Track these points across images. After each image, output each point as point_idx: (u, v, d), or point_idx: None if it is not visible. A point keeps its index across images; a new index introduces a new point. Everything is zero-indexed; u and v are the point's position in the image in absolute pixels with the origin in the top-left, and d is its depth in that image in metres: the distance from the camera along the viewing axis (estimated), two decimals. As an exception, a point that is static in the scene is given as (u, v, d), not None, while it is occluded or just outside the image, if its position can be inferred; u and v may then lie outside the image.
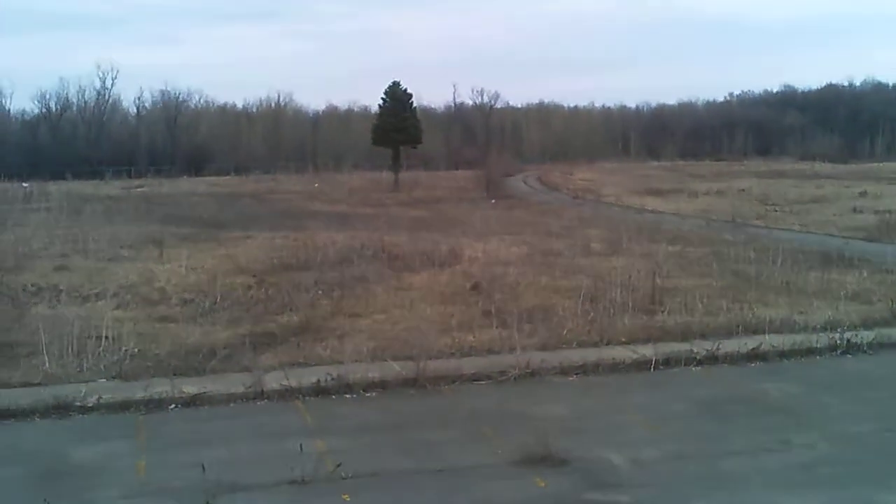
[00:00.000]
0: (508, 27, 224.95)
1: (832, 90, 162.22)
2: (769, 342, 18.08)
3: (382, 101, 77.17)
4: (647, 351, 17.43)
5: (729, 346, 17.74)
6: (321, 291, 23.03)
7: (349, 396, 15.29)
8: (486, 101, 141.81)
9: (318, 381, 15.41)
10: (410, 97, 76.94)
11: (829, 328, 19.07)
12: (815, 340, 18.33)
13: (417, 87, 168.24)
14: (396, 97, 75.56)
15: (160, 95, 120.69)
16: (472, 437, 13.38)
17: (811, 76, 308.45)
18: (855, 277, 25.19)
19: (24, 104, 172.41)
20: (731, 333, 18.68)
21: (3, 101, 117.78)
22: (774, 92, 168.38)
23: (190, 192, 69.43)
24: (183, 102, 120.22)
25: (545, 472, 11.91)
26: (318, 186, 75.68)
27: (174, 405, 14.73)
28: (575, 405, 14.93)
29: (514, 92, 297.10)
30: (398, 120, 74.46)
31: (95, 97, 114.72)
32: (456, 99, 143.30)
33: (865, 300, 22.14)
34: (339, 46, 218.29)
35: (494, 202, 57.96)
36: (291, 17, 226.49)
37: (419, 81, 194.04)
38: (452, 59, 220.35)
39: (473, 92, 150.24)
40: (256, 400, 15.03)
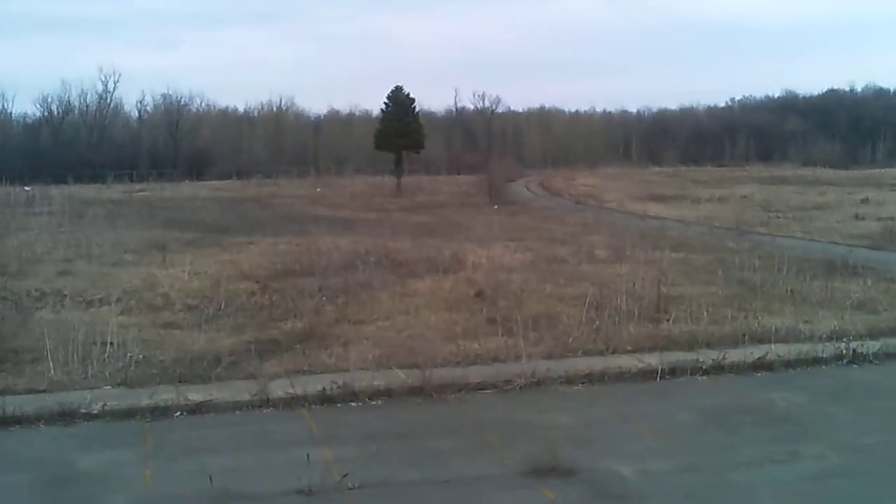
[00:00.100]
0: (509, 31, 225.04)
1: (834, 96, 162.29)
2: (775, 352, 18.02)
3: (385, 105, 77.22)
4: (652, 360, 17.38)
5: (735, 355, 17.70)
6: (325, 298, 22.98)
7: (355, 404, 15.25)
8: (487, 105, 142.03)
9: (323, 388, 15.37)
10: (413, 102, 77.02)
11: (834, 338, 19.00)
12: (820, 350, 18.26)
13: (418, 91, 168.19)
14: (399, 102, 75.60)
15: (162, 99, 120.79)
16: (478, 446, 13.33)
17: (812, 81, 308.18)
18: (860, 286, 25.13)
19: (26, 107, 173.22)
20: (736, 342, 18.63)
21: (5, 104, 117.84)
22: (776, 97, 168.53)
23: (192, 196, 69.43)
24: (185, 106, 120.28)
25: (553, 483, 11.86)
26: (320, 191, 75.72)
27: (180, 413, 14.69)
28: (581, 415, 14.89)
29: (515, 96, 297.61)
30: (401, 125, 74.49)
31: (97, 100, 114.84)
32: (457, 103, 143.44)
33: (871, 309, 22.08)
34: (340, 50, 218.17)
35: (497, 208, 57.94)
36: (292, 20, 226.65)
37: (420, 85, 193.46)
38: (454, 63, 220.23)
39: (475, 96, 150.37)
40: (262, 408, 15.00)
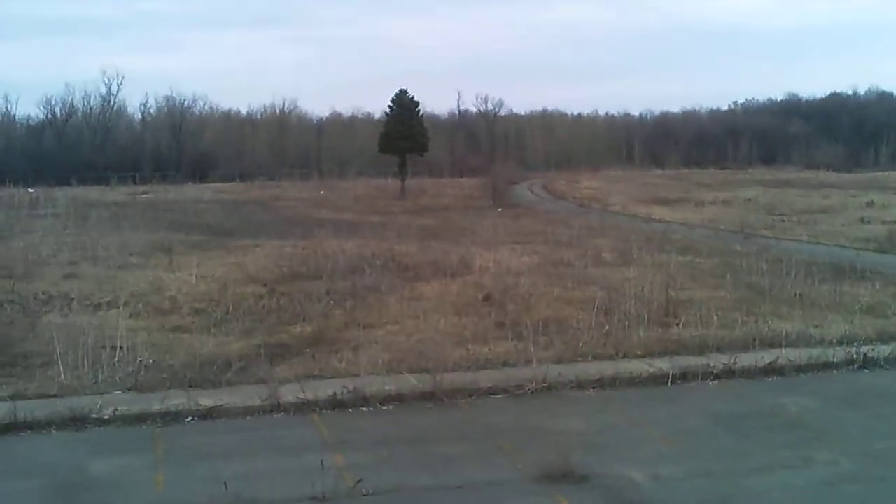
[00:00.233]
0: (512, 34, 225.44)
1: (836, 99, 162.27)
2: (786, 356, 17.96)
3: (389, 108, 77.25)
4: (663, 364, 17.34)
5: (745, 359, 17.66)
6: (333, 301, 22.96)
7: (366, 410, 15.20)
8: (490, 108, 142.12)
9: (334, 393, 15.33)
10: (417, 105, 77.07)
11: (845, 342, 18.97)
12: (831, 355, 18.21)
13: (421, 93, 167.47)
14: (403, 105, 75.65)
15: (165, 101, 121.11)
16: (491, 452, 13.29)
17: (815, 85, 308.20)
18: (868, 290, 25.10)
19: (29, 110, 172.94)
20: (747, 347, 18.59)
21: (8, 106, 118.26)
22: (778, 100, 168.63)
23: (196, 198, 69.44)
24: (188, 109, 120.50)
25: (567, 489, 11.81)
26: (323, 194, 75.74)
27: (191, 418, 14.65)
28: (593, 420, 14.84)
29: (517, 99, 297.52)
30: (405, 127, 74.51)
31: (101, 103, 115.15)
32: (460, 106, 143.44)
33: (880, 314, 22.03)
34: (342, 53, 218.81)
35: (501, 210, 57.93)
36: (294, 23, 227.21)
37: (423, 88, 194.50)
38: (456, 65, 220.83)
39: (477, 99, 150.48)
40: (273, 413, 14.95)
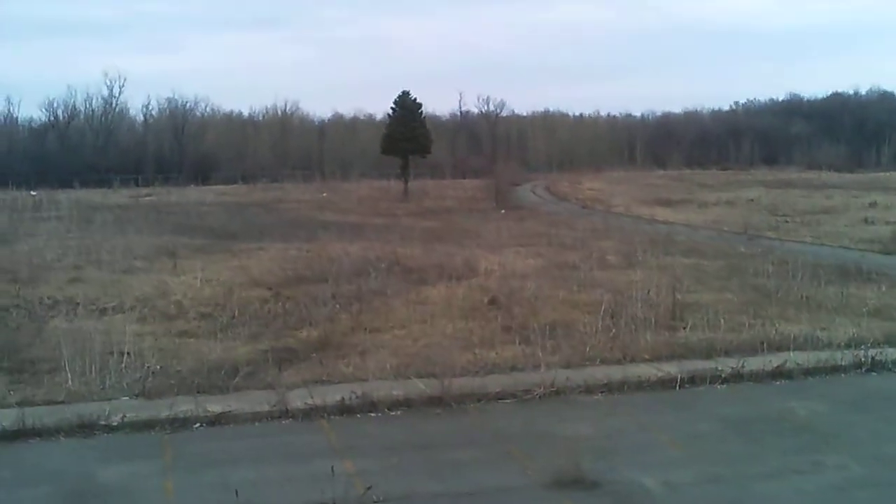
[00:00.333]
0: (513, 35, 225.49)
1: (838, 99, 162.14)
2: (793, 359, 17.92)
3: (392, 110, 77.35)
4: (671, 368, 17.31)
5: (753, 363, 17.63)
6: (339, 305, 22.91)
7: (374, 415, 15.17)
8: (491, 109, 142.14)
9: (342, 399, 15.30)
10: (420, 106, 77.16)
11: (852, 345, 18.93)
12: (839, 358, 18.17)
13: (423, 95, 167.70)
14: (406, 106, 75.70)
15: (167, 103, 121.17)
16: (501, 457, 13.27)
17: (817, 85, 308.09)
18: (874, 292, 25.06)
19: (31, 112, 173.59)
20: (754, 350, 18.54)
21: (10, 108, 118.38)
22: (780, 101, 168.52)
23: (199, 201, 69.46)
24: (190, 110, 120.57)
25: (577, 495, 11.79)
26: (325, 196, 75.72)
27: (199, 424, 14.63)
28: (602, 424, 14.80)
29: (519, 100, 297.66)
30: (407, 129, 74.56)
31: (103, 105, 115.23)
32: (462, 107, 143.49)
33: (888, 316, 21.97)
34: (343, 54, 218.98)
35: (504, 212, 57.92)
36: (296, 24, 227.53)
37: (425, 90, 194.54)
38: (457, 67, 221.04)
39: (479, 100, 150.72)
40: (281, 419, 14.92)
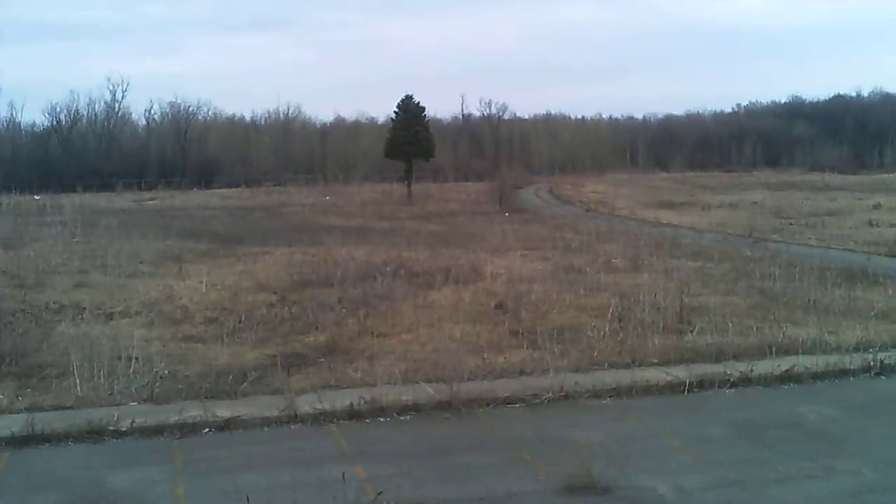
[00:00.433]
0: (515, 38, 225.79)
1: (840, 101, 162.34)
2: (802, 363, 17.89)
3: (395, 114, 77.39)
4: (679, 373, 17.28)
5: (762, 367, 17.56)
6: (345, 310, 22.88)
7: (383, 420, 15.13)
8: (493, 112, 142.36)
9: (351, 404, 15.27)
10: (423, 110, 77.21)
11: (861, 349, 18.90)
12: (848, 362, 18.12)
13: (425, 98, 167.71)
14: (409, 110, 75.75)
15: (169, 107, 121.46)
16: (512, 462, 13.22)
17: (819, 86, 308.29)
18: (881, 295, 25.01)
19: (34, 117, 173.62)
20: (763, 354, 18.48)
21: (13, 113, 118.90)
22: (782, 102, 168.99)
23: (202, 205, 69.58)
24: (192, 114, 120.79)
25: (590, 500, 11.74)
26: (328, 199, 75.77)
27: (208, 429, 14.59)
28: (612, 429, 14.74)
29: (521, 103, 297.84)
30: (411, 133, 74.61)
31: (105, 109, 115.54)
32: (464, 110, 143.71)
33: (895, 320, 21.93)
34: (345, 57, 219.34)
35: (508, 215, 57.96)
36: (297, 27, 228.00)
37: (426, 93, 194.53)
38: (459, 70, 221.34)
39: (481, 103, 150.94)
40: (290, 424, 14.87)
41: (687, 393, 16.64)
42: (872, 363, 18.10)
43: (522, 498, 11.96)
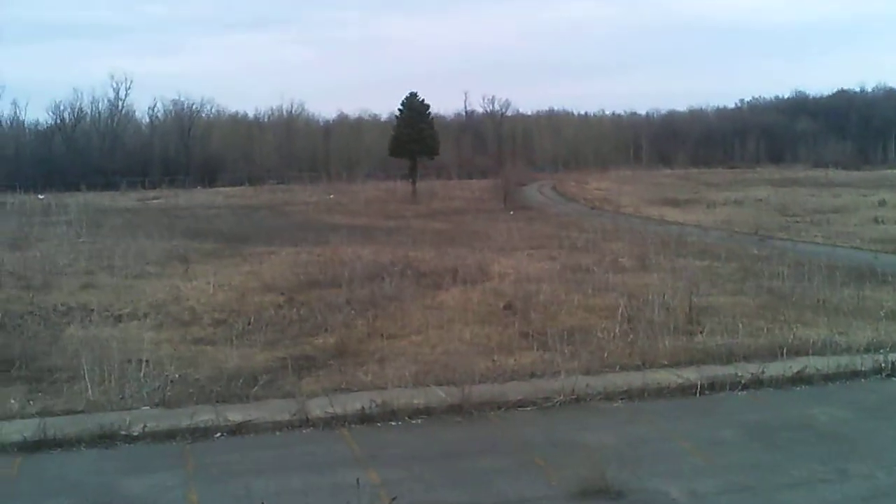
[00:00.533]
0: (517, 34, 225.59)
1: (843, 96, 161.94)
2: (813, 365, 17.83)
3: (399, 111, 77.32)
4: (690, 374, 17.23)
5: (773, 369, 17.49)
6: (354, 311, 22.86)
7: (394, 424, 15.09)
8: (497, 108, 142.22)
9: (362, 407, 15.23)
10: (427, 108, 77.16)
11: (872, 350, 18.82)
12: (859, 363, 18.04)
13: (428, 95, 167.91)
14: (413, 108, 75.69)
15: (173, 105, 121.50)
16: (524, 466, 13.19)
17: (822, 82, 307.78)
18: (891, 295, 24.94)
19: (38, 115, 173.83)
20: (773, 355, 18.39)
21: (17, 111, 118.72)
22: (785, 98, 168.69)
23: (207, 204, 69.58)
24: (196, 112, 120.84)
25: (604, 505, 11.74)
26: (333, 197, 75.74)
27: (220, 433, 14.55)
28: (624, 432, 14.71)
29: (524, 99, 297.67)
30: (415, 131, 74.59)
31: (109, 108, 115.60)
32: (467, 107, 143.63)
33: (905, 320, 21.89)
34: (348, 54, 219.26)
35: (513, 213, 57.92)
36: (300, 25, 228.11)
37: (429, 89, 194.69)
38: (462, 67, 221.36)
39: (484, 100, 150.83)
40: (302, 428, 14.84)
41: (698, 395, 16.59)
42: (883, 364, 18.03)
43: (536, 503, 11.94)
